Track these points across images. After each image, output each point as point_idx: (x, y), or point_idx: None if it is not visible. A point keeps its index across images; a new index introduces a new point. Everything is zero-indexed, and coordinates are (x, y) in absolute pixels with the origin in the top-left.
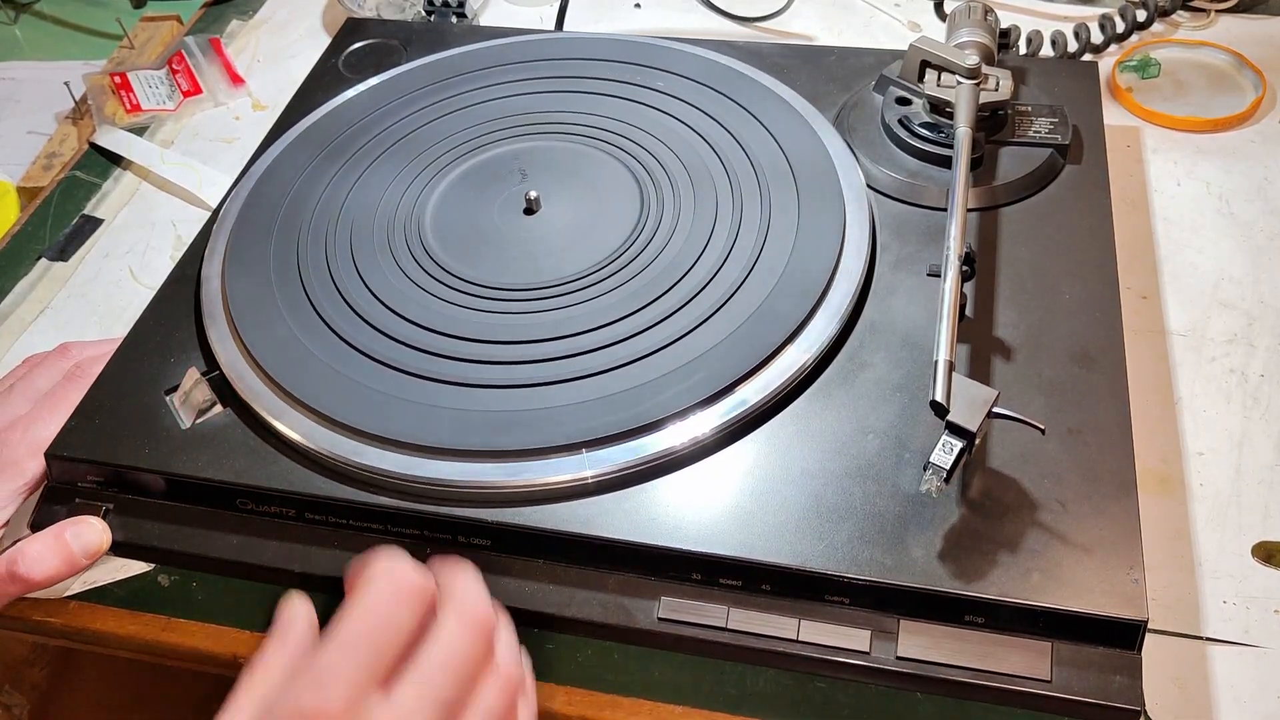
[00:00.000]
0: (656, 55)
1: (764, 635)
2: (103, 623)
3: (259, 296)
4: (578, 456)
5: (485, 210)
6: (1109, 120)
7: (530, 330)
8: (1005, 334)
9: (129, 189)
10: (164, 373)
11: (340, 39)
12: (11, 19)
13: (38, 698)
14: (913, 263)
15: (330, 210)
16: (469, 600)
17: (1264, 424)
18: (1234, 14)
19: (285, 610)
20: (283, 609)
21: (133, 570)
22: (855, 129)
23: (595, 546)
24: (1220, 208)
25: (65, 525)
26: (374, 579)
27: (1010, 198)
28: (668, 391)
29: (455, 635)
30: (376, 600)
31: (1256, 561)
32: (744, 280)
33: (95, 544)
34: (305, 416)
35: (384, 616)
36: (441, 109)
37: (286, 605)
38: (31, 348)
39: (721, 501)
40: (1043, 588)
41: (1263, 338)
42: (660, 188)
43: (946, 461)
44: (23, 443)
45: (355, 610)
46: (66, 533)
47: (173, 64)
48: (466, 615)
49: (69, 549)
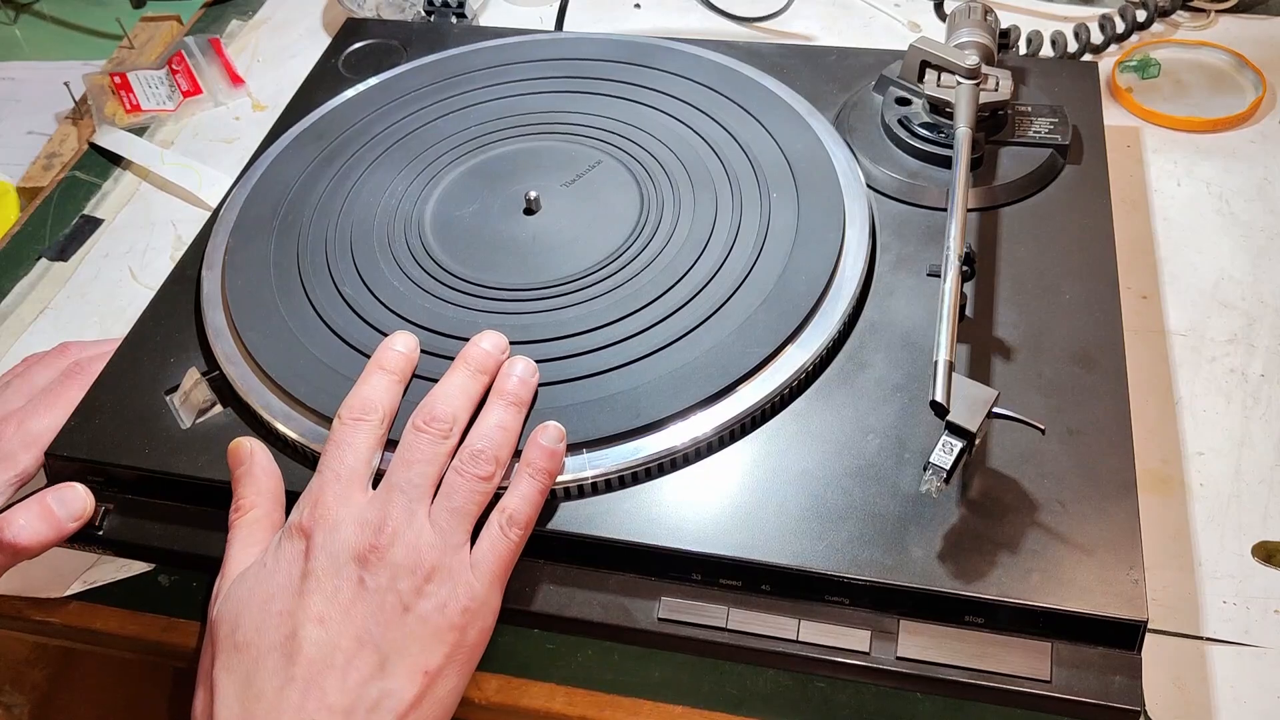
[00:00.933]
0: (656, 55)
1: (764, 635)
2: (103, 623)
3: (259, 296)
4: (578, 456)
5: (485, 210)
6: (1109, 120)
7: (530, 330)
8: (1005, 334)
9: (129, 189)
10: (164, 373)
11: (340, 39)
12: (11, 19)
13: (38, 698)
14: (913, 263)
15: (330, 210)
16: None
17: (1264, 424)
18: (1234, 14)
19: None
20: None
21: (133, 570)
22: (855, 129)
23: (595, 546)
24: (1220, 208)
25: (48, 492)
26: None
27: (1010, 198)
28: (668, 391)
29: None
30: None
31: (1256, 561)
32: (744, 280)
33: (80, 507)
34: (305, 417)
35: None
36: (441, 109)
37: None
38: (31, 348)
39: (721, 501)
40: (1042, 588)
41: (1263, 338)
42: (660, 188)
43: (946, 462)
44: (17, 435)
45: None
46: (49, 498)
47: (173, 64)
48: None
49: (54, 514)
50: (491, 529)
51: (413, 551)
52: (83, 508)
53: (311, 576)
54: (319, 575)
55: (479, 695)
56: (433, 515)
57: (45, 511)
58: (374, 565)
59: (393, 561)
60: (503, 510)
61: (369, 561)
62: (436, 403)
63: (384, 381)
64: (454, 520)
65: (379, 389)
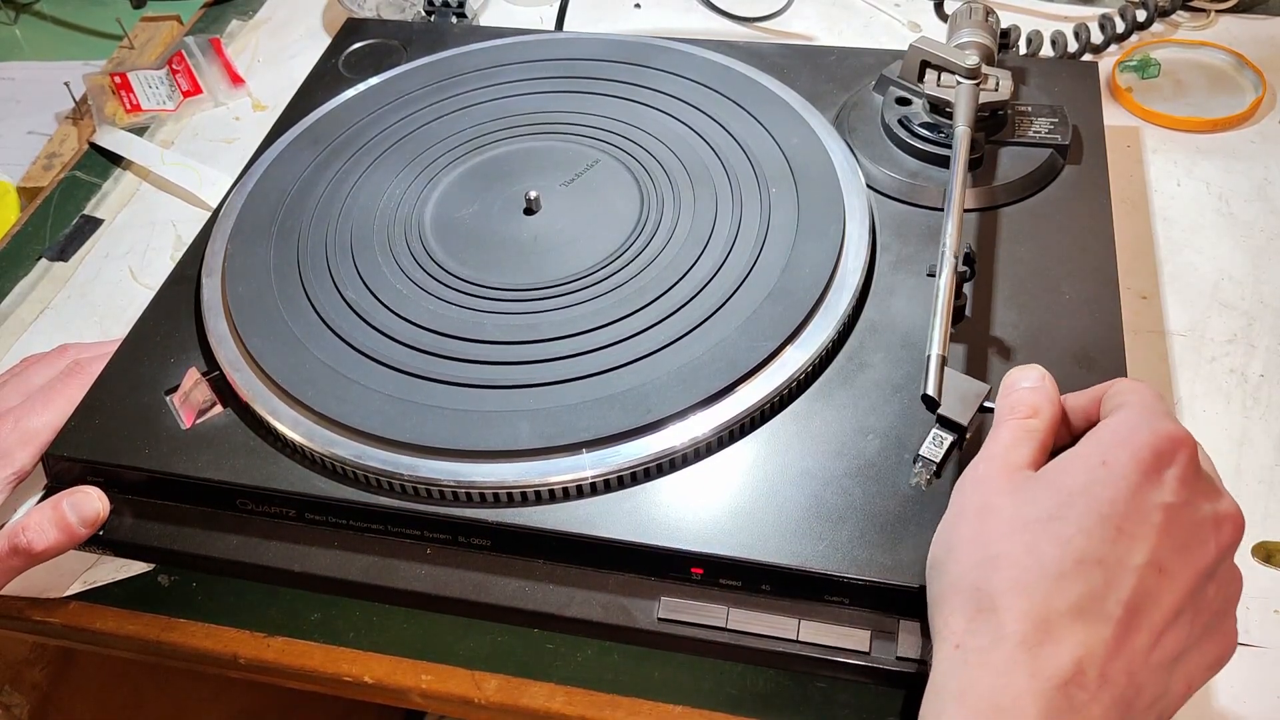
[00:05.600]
0: (656, 55)
1: (764, 635)
2: (103, 623)
3: (259, 296)
4: (578, 456)
5: (485, 210)
6: (1109, 120)
7: (530, 330)
8: (1005, 334)
9: (129, 189)
10: (164, 373)
11: (340, 39)
12: (11, 19)
13: (38, 698)
14: (913, 263)
15: (330, 210)
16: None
17: (1264, 424)
18: (1234, 14)
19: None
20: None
21: (133, 570)
22: (855, 129)
23: (595, 546)
24: (1220, 208)
25: (62, 496)
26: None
27: (1010, 198)
28: (668, 391)
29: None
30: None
31: (1256, 562)
32: (744, 280)
33: (93, 513)
34: (305, 416)
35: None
36: (441, 109)
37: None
38: (31, 348)
39: (721, 501)
40: None
41: (1263, 338)
42: (660, 188)
43: (937, 455)
44: (14, 433)
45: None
46: (64, 503)
47: (173, 64)
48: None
49: (67, 519)
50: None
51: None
52: (96, 513)
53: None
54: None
55: (479, 695)
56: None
57: (58, 517)
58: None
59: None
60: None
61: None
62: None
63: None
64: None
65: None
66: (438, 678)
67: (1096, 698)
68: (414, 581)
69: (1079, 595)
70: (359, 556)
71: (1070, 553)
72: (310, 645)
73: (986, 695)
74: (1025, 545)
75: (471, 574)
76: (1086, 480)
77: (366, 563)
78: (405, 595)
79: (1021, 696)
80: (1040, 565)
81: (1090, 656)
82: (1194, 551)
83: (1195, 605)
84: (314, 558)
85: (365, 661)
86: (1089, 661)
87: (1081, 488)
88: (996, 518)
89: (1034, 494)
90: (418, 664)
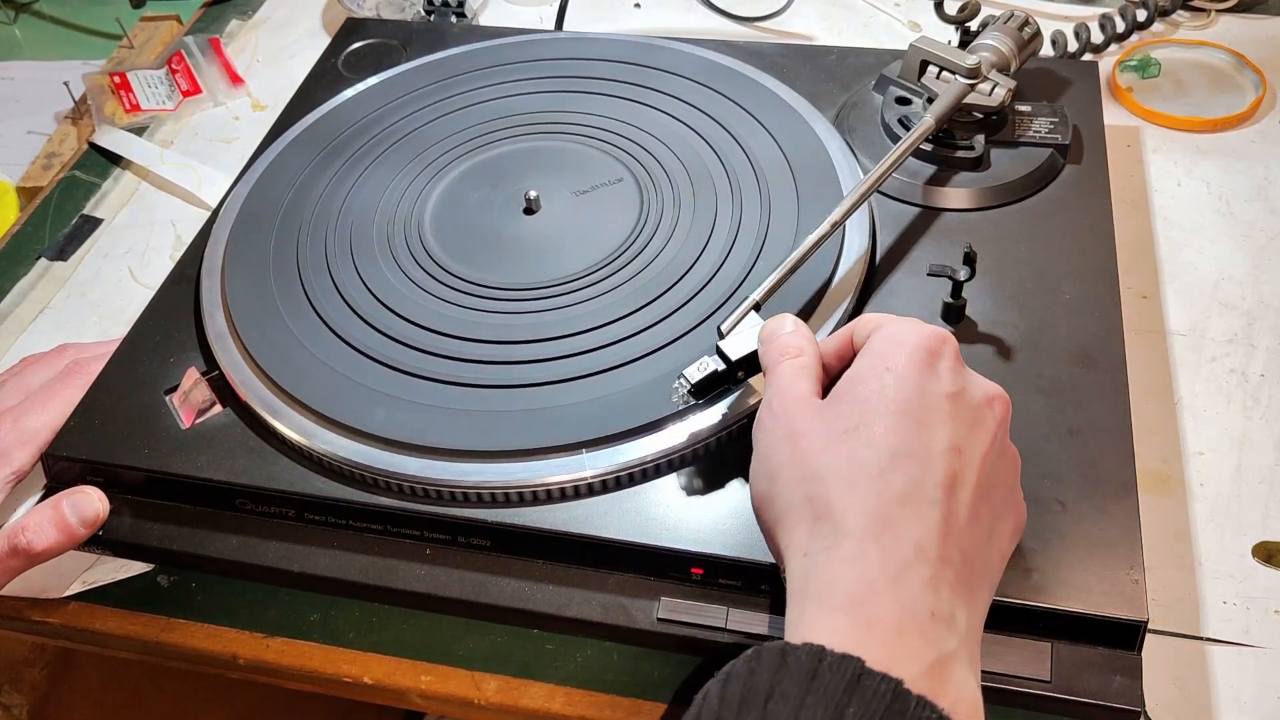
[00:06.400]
0: (656, 55)
1: (763, 635)
2: (103, 623)
3: (259, 296)
4: (578, 456)
5: (485, 210)
6: (1109, 120)
7: (530, 330)
8: (1005, 334)
9: (129, 189)
10: (164, 373)
11: (340, 39)
12: (11, 19)
13: (38, 698)
14: (912, 263)
15: (330, 210)
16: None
17: (1264, 424)
18: (1234, 14)
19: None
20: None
21: (133, 570)
22: (855, 129)
23: (595, 546)
24: (1220, 208)
25: (62, 496)
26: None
27: (1010, 197)
28: (668, 391)
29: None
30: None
31: (1256, 562)
32: (744, 280)
33: (93, 513)
34: (305, 417)
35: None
36: (441, 109)
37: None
38: (31, 348)
39: (721, 501)
40: (1042, 588)
41: (1263, 338)
42: (660, 188)
43: (695, 376)
44: (13, 432)
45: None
46: (63, 504)
47: (172, 64)
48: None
49: (67, 519)
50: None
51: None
52: (95, 513)
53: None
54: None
55: (479, 695)
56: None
57: (58, 517)
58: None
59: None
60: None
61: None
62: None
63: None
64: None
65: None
66: (437, 678)
67: (941, 574)
68: (414, 582)
69: (903, 484)
70: (358, 557)
71: (884, 451)
72: (310, 645)
73: (842, 588)
74: (845, 455)
75: (471, 574)
76: (878, 386)
77: (366, 563)
78: (405, 595)
79: (875, 583)
80: (862, 467)
81: (927, 536)
82: (979, 430)
83: (991, 479)
84: (313, 558)
85: (365, 662)
86: (927, 541)
87: (875, 394)
88: (809, 439)
89: (836, 410)
90: (417, 664)
